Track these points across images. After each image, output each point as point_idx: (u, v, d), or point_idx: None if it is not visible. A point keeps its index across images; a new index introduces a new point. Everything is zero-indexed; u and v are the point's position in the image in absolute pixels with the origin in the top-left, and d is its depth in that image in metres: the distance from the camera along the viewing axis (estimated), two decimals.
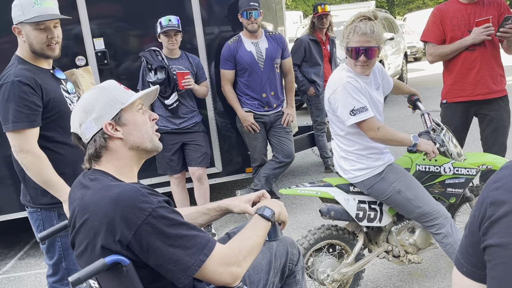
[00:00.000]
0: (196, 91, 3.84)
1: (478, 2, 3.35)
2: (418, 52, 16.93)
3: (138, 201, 1.38)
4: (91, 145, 1.54)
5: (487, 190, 0.98)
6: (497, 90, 3.38)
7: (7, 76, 2.17)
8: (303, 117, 8.91)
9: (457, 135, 3.43)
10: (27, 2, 2.15)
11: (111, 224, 1.37)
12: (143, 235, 1.36)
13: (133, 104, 1.58)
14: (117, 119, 1.54)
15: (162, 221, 1.38)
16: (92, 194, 1.47)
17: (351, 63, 2.49)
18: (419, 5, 27.70)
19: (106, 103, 1.54)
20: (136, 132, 1.57)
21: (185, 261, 1.38)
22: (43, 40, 2.21)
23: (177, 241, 1.38)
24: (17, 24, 2.21)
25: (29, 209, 2.37)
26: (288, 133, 4.19)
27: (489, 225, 0.93)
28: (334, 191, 2.60)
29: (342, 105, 2.42)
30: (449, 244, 2.53)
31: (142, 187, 1.44)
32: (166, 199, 1.47)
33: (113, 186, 1.45)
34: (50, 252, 2.36)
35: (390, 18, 11.74)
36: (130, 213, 1.37)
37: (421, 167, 2.69)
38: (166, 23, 3.65)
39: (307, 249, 2.63)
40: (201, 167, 3.92)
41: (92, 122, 1.52)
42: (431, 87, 10.30)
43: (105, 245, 1.39)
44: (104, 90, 1.56)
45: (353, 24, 2.46)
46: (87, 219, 1.44)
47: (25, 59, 2.25)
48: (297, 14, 21.47)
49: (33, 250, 4.30)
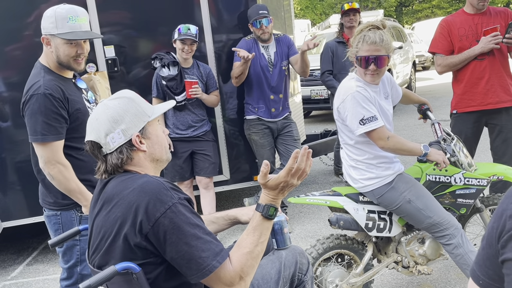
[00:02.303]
0: (204, 100, 3.86)
1: (485, 12, 3.35)
2: (426, 61, 16.89)
3: (160, 194, 1.40)
4: (115, 156, 1.52)
5: (506, 202, 0.96)
6: (508, 99, 3.36)
7: (37, 87, 2.20)
8: (311, 125, 8.91)
9: (468, 145, 3.41)
10: (62, 17, 2.18)
11: (134, 213, 1.39)
12: (161, 227, 1.38)
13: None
14: (143, 131, 1.55)
15: (180, 217, 1.39)
16: (115, 186, 1.49)
17: (360, 72, 2.49)
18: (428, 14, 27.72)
19: (135, 115, 1.54)
20: (158, 146, 1.60)
21: (198, 263, 1.39)
22: (72, 54, 2.25)
23: (193, 240, 1.39)
24: (47, 34, 2.24)
25: (47, 212, 2.40)
26: (296, 141, 4.18)
27: (508, 238, 0.92)
28: (344, 200, 2.59)
29: (352, 114, 2.42)
30: (460, 255, 2.50)
31: (165, 181, 1.46)
32: (188, 198, 1.47)
33: (137, 177, 1.48)
34: (67, 255, 2.38)
35: (399, 27, 11.73)
36: (150, 204, 1.38)
37: (432, 177, 2.67)
38: (184, 31, 3.68)
39: (315, 259, 2.61)
40: (209, 177, 3.95)
41: (121, 133, 1.51)
42: (440, 96, 10.26)
43: (127, 235, 1.40)
44: (133, 102, 1.55)
45: (361, 33, 2.46)
46: (111, 210, 1.45)
47: (51, 69, 2.29)
48: (305, 22, 21.56)
49: (41, 256, 4.32)
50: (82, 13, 2.23)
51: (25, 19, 3.81)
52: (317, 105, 8.65)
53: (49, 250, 4.37)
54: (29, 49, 3.80)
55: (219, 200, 4.53)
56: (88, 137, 1.55)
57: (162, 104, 1.67)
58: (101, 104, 1.55)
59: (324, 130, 5.85)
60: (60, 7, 2.20)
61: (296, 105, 5.44)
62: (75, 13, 2.20)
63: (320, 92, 8.45)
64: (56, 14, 2.19)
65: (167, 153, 1.64)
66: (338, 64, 4.79)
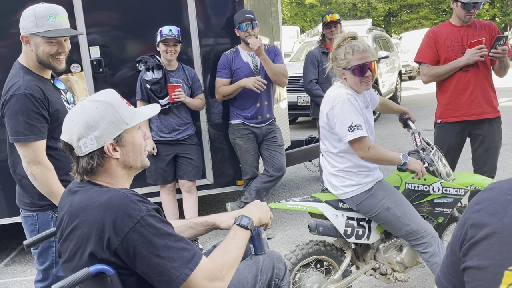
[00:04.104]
0: (188, 103, 3.86)
1: (471, 25, 3.42)
2: (412, 71, 17.11)
3: (127, 208, 1.38)
4: (86, 160, 1.49)
5: (469, 211, 0.99)
6: (490, 110, 3.43)
7: (17, 87, 2.18)
8: (297, 131, 8.95)
9: (451, 155, 3.47)
10: (42, 15, 2.17)
11: (100, 230, 1.37)
12: (130, 242, 1.36)
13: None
14: (118, 139, 1.51)
15: (150, 230, 1.38)
16: (81, 200, 1.46)
17: (355, 82, 2.49)
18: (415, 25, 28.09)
19: (112, 122, 1.49)
20: (133, 154, 1.56)
21: (170, 273, 1.38)
22: (52, 52, 2.23)
23: (164, 252, 1.38)
24: (26, 33, 2.22)
25: (23, 213, 2.38)
26: (279, 147, 4.20)
27: (469, 247, 0.94)
28: (323, 206, 2.61)
29: (341, 121, 2.43)
30: (436, 263, 2.53)
31: (132, 194, 1.44)
32: (156, 208, 1.47)
33: (103, 191, 1.45)
34: (42, 257, 2.35)
35: (386, 37, 11.87)
36: (118, 220, 1.37)
37: (410, 186, 2.71)
38: (166, 33, 3.69)
39: (294, 264, 2.63)
40: (192, 180, 3.95)
41: (94, 139, 1.47)
42: (424, 106, 10.39)
43: (93, 252, 1.39)
44: (111, 108, 1.49)
45: (344, 45, 2.50)
46: (76, 226, 1.43)
47: (30, 69, 2.27)
48: (294, 29, 21.66)
49: (19, 257, 4.26)
50: (61, 11, 2.22)
51: (11, 17, 3.78)
52: (303, 111, 8.69)
53: (27, 251, 4.31)
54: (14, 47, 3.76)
55: (202, 204, 4.52)
56: (62, 136, 1.53)
57: (145, 110, 1.62)
58: (80, 105, 1.52)
59: (309, 137, 5.88)
60: (39, 6, 2.19)
61: (282, 111, 5.46)
62: (55, 11, 2.19)
63: (306, 99, 8.48)
64: (36, 13, 2.17)
65: (142, 161, 1.60)
66: (322, 73, 4.77)
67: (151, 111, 1.63)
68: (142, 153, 1.60)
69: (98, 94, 1.56)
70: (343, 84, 2.55)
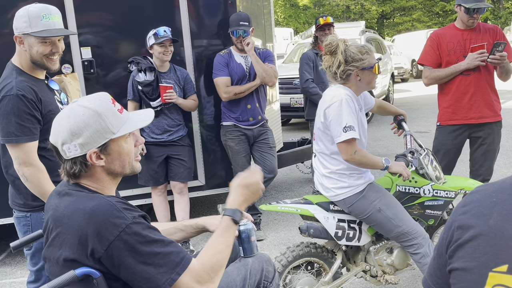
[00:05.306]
0: (180, 104, 3.85)
1: (475, 29, 3.42)
2: (405, 73, 17.20)
3: (112, 216, 1.37)
4: (69, 164, 1.48)
5: (455, 213, 1.00)
6: (490, 115, 3.44)
7: (9, 88, 2.17)
8: (290, 133, 8.96)
9: (449, 157, 3.49)
10: (35, 15, 2.16)
11: (83, 238, 1.36)
12: (115, 251, 1.35)
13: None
14: (103, 148, 1.48)
15: (135, 238, 1.37)
16: (66, 206, 1.45)
17: (369, 81, 2.58)
18: (408, 27, 28.27)
19: (96, 131, 1.45)
20: (119, 162, 1.52)
21: (156, 279, 1.37)
22: (46, 52, 2.22)
23: (150, 258, 1.37)
24: (20, 34, 2.20)
25: (16, 214, 2.36)
26: (271, 149, 4.20)
27: (455, 249, 0.95)
28: (314, 208, 2.61)
29: (336, 120, 2.44)
30: (426, 264, 2.54)
31: (118, 202, 1.43)
32: (142, 214, 1.45)
33: (88, 198, 1.44)
34: (35, 258, 2.34)
35: (379, 39, 11.92)
36: (103, 228, 1.35)
37: (401, 188, 2.72)
38: (162, 34, 3.67)
39: (285, 266, 2.62)
40: (183, 182, 3.93)
41: (77, 146, 1.45)
42: (416, 108, 10.44)
43: (76, 259, 1.38)
44: (98, 117, 1.45)
45: (352, 46, 2.55)
46: (60, 232, 1.42)
47: (23, 69, 2.26)
48: (288, 30, 21.73)
49: (9, 259, 4.22)
50: (55, 11, 2.22)
51: (4, 17, 3.75)
52: (296, 113, 8.70)
53: (17, 253, 4.27)
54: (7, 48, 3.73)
55: (193, 206, 4.50)
56: (50, 137, 1.52)
57: (137, 118, 1.57)
58: (69, 108, 1.49)
59: (301, 138, 5.89)
60: (33, 6, 2.18)
61: (274, 113, 5.46)
62: (48, 11, 2.19)
63: (299, 100, 8.49)
64: (29, 13, 2.16)
65: (131, 168, 1.57)
66: (317, 74, 4.80)
67: (143, 120, 1.58)
68: (130, 161, 1.56)
69: (89, 98, 1.52)
70: (343, 85, 2.56)
